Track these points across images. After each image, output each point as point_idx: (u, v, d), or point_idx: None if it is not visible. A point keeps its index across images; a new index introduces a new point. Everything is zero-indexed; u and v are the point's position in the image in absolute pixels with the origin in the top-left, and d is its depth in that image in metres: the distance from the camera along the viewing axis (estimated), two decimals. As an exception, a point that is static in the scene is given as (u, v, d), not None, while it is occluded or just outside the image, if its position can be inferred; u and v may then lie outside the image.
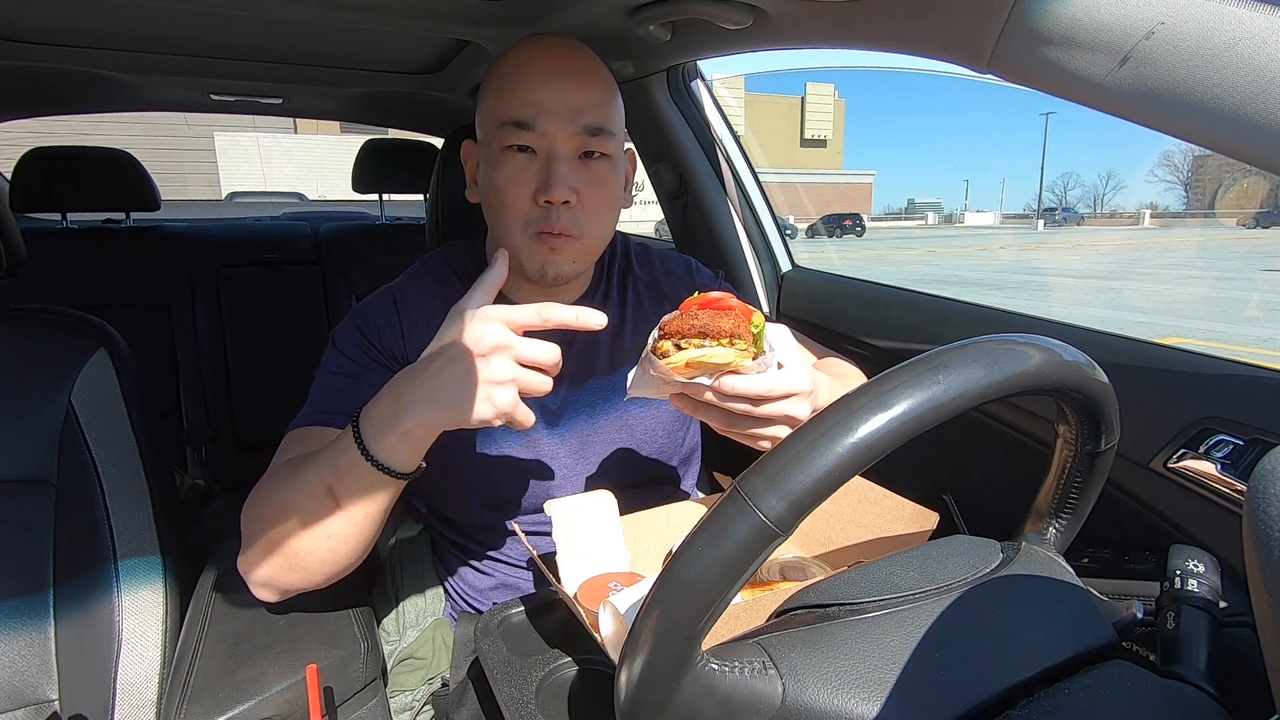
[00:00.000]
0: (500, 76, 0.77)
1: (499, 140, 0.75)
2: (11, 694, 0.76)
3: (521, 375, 0.58)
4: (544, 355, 0.59)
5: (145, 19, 1.16)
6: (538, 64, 0.75)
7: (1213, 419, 0.70)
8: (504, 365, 0.58)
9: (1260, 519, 0.27)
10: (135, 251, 1.85)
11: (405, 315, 0.83)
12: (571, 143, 0.75)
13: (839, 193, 38.15)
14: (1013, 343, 0.42)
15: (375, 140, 2.01)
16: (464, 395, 0.57)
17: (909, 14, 0.70)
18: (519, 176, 0.75)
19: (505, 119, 0.74)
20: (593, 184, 0.77)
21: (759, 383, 0.59)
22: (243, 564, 0.68)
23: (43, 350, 0.84)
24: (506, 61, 0.77)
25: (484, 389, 0.57)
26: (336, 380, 0.78)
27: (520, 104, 0.74)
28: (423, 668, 0.85)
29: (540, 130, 0.74)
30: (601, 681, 0.61)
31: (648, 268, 0.95)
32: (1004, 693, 0.43)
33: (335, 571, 0.68)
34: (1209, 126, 0.50)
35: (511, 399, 0.58)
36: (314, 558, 0.65)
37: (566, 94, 0.74)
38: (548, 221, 0.75)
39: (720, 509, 0.38)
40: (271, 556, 0.66)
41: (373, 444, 0.60)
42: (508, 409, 0.58)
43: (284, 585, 0.68)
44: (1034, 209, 55.14)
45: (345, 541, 0.65)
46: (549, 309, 0.60)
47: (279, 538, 0.65)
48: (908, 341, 1.13)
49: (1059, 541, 0.56)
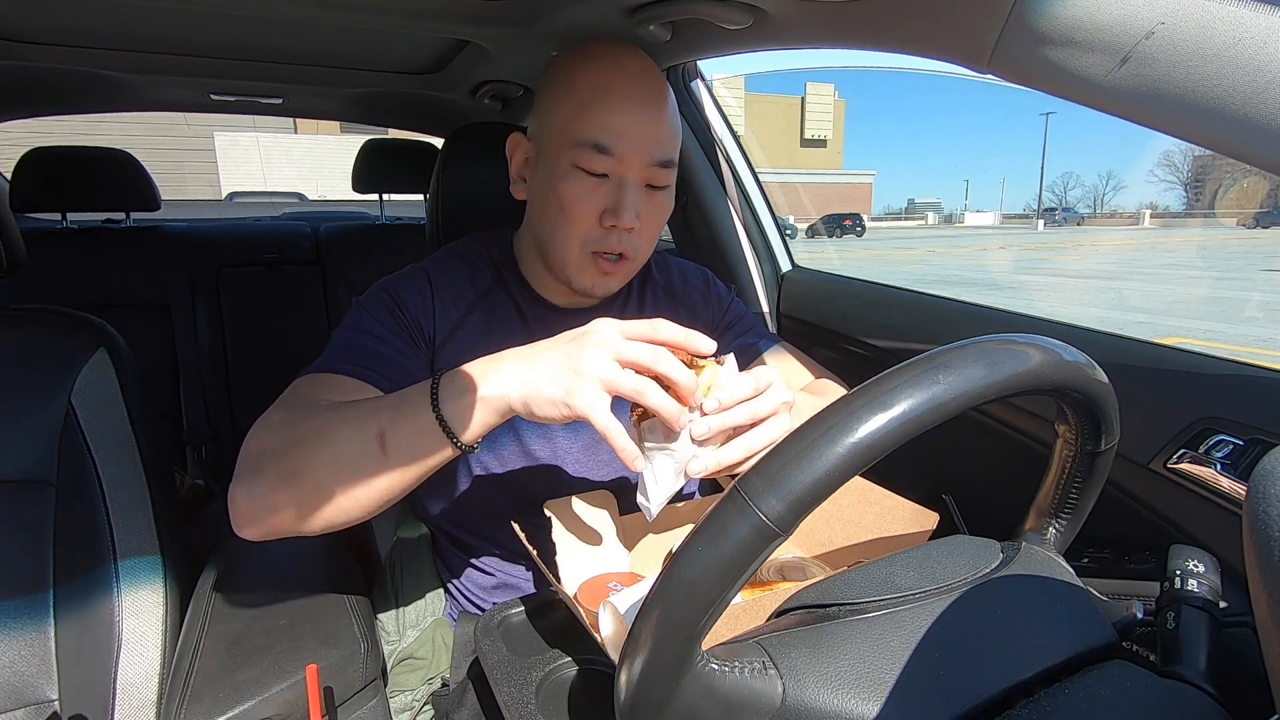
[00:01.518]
0: (579, 92, 0.76)
1: (572, 157, 0.76)
2: (11, 694, 0.76)
3: (617, 375, 0.55)
4: (642, 355, 0.56)
5: (145, 19, 1.16)
6: (622, 90, 0.75)
7: (1213, 419, 0.70)
8: (599, 358, 0.56)
9: (1260, 519, 0.27)
10: (135, 251, 1.85)
11: (438, 294, 0.84)
12: (644, 173, 0.77)
13: (839, 193, 38.15)
14: (1013, 343, 0.42)
15: (375, 140, 2.01)
16: (550, 378, 0.56)
17: (909, 14, 0.70)
18: (589, 196, 0.76)
19: (584, 139, 0.75)
20: (653, 210, 0.80)
21: (746, 380, 0.60)
22: (238, 490, 0.63)
23: (43, 350, 0.84)
24: (586, 76, 0.76)
25: (569, 376, 0.56)
26: (359, 336, 0.77)
27: (601, 128, 0.74)
28: (423, 668, 0.85)
29: (619, 157, 0.75)
30: (601, 681, 0.61)
31: (665, 274, 0.99)
32: (1004, 693, 0.43)
33: (337, 519, 0.63)
34: (1209, 126, 0.50)
35: (590, 394, 0.55)
36: (329, 495, 0.61)
37: (647, 124, 0.76)
38: (608, 243, 0.78)
39: (720, 509, 0.38)
40: (284, 485, 0.61)
41: (446, 402, 0.58)
42: (584, 403, 0.55)
43: (276, 519, 0.62)
44: (1034, 209, 55.16)
45: (370, 491, 0.61)
46: (660, 325, 0.58)
47: (302, 467, 0.60)
48: (908, 341, 1.13)
49: (1059, 541, 0.56)
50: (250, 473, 0.63)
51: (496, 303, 0.87)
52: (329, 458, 0.60)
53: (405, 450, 0.60)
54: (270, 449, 0.63)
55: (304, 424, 0.63)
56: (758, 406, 0.61)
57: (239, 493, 0.63)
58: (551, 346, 0.59)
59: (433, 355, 0.82)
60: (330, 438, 0.61)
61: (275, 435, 0.64)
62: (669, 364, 0.57)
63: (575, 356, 0.56)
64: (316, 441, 0.61)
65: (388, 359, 0.75)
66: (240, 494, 0.63)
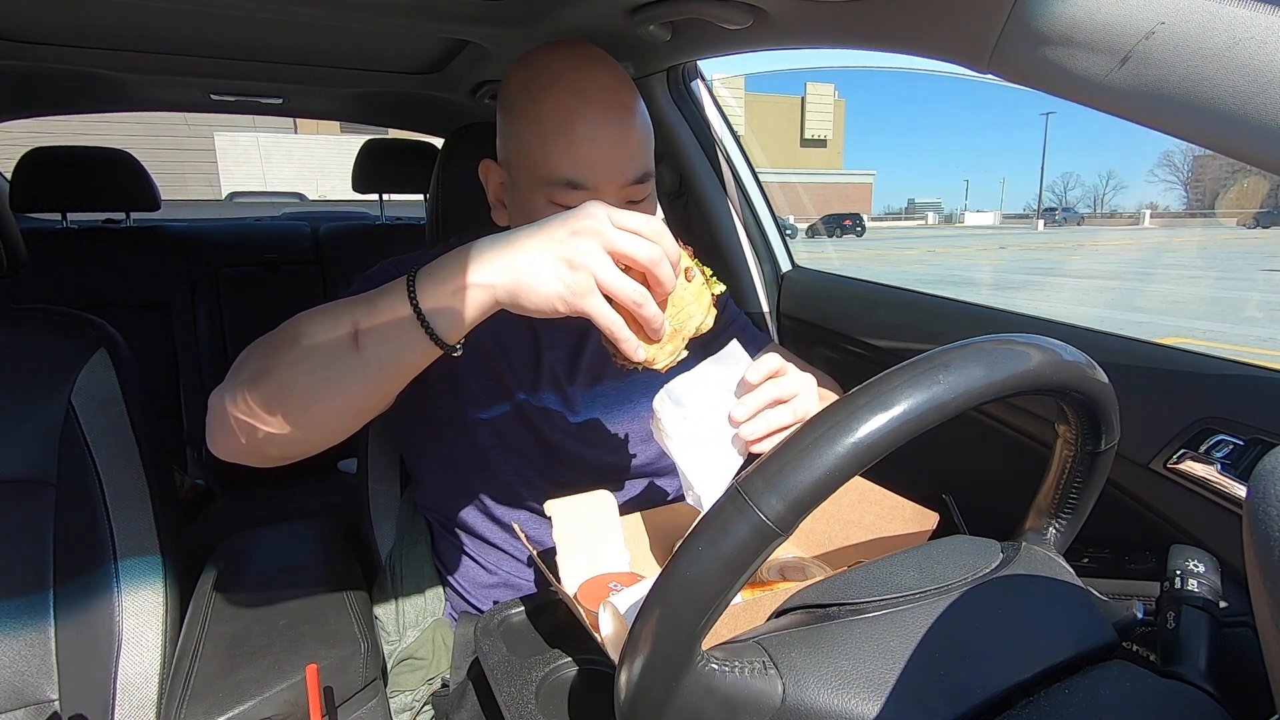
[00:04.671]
0: (543, 122, 0.71)
1: (547, 194, 0.73)
2: (11, 694, 0.76)
3: (603, 267, 0.52)
4: (639, 250, 0.53)
5: (145, 19, 1.16)
6: (585, 118, 0.71)
7: (1213, 419, 0.70)
8: (589, 246, 0.52)
9: (1260, 519, 0.27)
10: (135, 251, 1.85)
11: None
12: (622, 194, 0.74)
13: (839, 193, 38.14)
14: (1013, 343, 0.42)
15: (375, 140, 2.01)
16: (536, 264, 0.53)
17: (909, 14, 0.70)
18: None
19: (555, 178, 0.71)
20: None
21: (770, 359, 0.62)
22: (217, 395, 0.61)
23: (43, 350, 0.84)
24: (549, 104, 0.71)
25: (559, 264, 0.52)
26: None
27: (570, 163, 0.71)
28: (423, 668, 0.85)
29: (593, 188, 0.72)
30: (601, 681, 0.61)
31: None
32: (1004, 693, 0.43)
33: (309, 431, 0.59)
34: (1209, 126, 0.50)
35: (585, 283, 0.52)
36: (298, 396, 0.57)
37: (617, 147, 0.72)
38: None
39: (720, 509, 0.38)
40: (254, 385, 0.58)
41: (424, 292, 0.55)
42: (579, 290, 0.52)
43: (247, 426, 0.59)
44: (1034, 209, 55.15)
45: (342, 395, 0.57)
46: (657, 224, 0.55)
47: (274, 367, 0.58)
48: (908, 341, 1.13)
49: (1059, 541, 0.56)
50: (228, 379, 0.61)
51: None
52: (299, 354, 0.57)
53: (380, 348, 0.56)
54: (248, 355, 0.62)
55: (280, 329, 0.61)
56: (783, 385, 0.62)
57: (214, 400, 0.61)
58: (537, 231, 0.55)
59: None
60: (301, 333, 0.58)
61: (259, 342, 0.62)
62: (666, 270, 0.54)
63: (567, 245, 0.53)
64: (288, 340, 0.59)
65: None
66: (214, 401, 0.61)
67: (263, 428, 0.58)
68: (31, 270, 0.96)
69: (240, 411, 0.58)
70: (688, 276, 0.60)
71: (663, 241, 0.55)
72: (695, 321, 0.60)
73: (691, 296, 0.60)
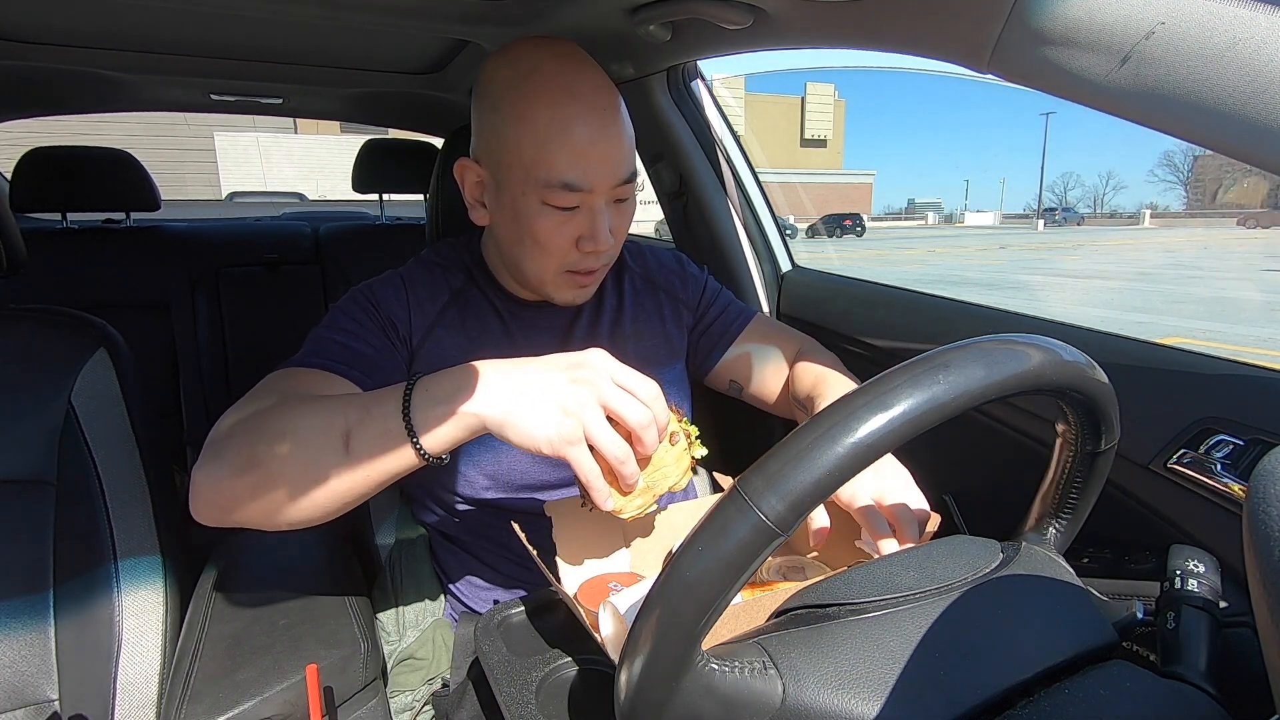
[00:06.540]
0: (536, 126, 0.73)
1: (540, 195, 0.75)
2: (11, 694, 0.76)
3: (595, 421, 0.54)
4: (631, 413, 0.54)
5: (145, 19, 1.16)
6: (581, 119, 0.73)
7: (1213, 419, 0.70)
8: (586, 397, 0.54)
9: (1260, 519, 0.27)
10: (135, 251, 1.85)
11: (412, 294, 0.85)
12: (612, 194, 0.78)
13: (839, 193, 38.13)
14: (1013, 343, 0.42)
15: (375, 140, 2.01)
16: (532, 404, 0.54)
17: (909, 14, 0.70)
18: (562, 228, 0.77)
19: (552, 180, 0.74)
20: (621, 220, 0.81)
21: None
22: (199, 473, 0.61)
23: (43, 350, 0.84)
24: (543, 107, 0.73)
25: (554, 409, 0.54)
26: (333, 333, 0.77)
27: (567, 167, 0.73)
28: (423, 668, 0.85)
29: (588, 189, 0.75)
30: (601, 681, 0.61)
31: (640, 261, 1.00)
32: (1004, 693, 0.43)
33: (291, 516, 0.61)
34: (1209, 126, 0.50)
35: (574, 431, 0.54)
36: (285, 487, 0.59)
37: (610, 149, 0.75)
38: (585, 263, 0.80)
39: (720, 509, 0.38)
40: (242, 472, 0.59)
41: (417, 410, 0.57)
42: (567, 437, 0.54)
43: (231, 506, 0.61)
44: (1034, 209, 55.16)
45: (327, 490, 0.59)
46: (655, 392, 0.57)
47: (263, 456, 0.59)
48: (908, 341, 1.13)
49: (1059, 541, 0.56)
50: (212, 457, 0.61)
51: (471, 300, 0.88)
52: (290, 449, 0.58)
53: (368, 452, 0.58)
54: (235, 435, 0.62)
55: (271, 413, 0.62)
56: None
57: (199, 475, 0.61)
58: (539, 370, 0.57)
59: (410, 356, 0.83)
60: (294, 429, 0.59)
61: (242, 422, 0.63)
62: (652, 435, 0.55)
63: (564, 393, 0.54)
64: (280, 431, 0.59)
65: (362, 355, 0.75)
66: (199, 477, 0.61)
67: (247, 512, 0.60)
68: (31, 270, 0.96)
69: (225, 496, 0.60)
70: (672, 440, 0.61)
71: (655, 408, 0.56)
72: (669, 482, 0.61)
73: (671, 460, 0.61)
